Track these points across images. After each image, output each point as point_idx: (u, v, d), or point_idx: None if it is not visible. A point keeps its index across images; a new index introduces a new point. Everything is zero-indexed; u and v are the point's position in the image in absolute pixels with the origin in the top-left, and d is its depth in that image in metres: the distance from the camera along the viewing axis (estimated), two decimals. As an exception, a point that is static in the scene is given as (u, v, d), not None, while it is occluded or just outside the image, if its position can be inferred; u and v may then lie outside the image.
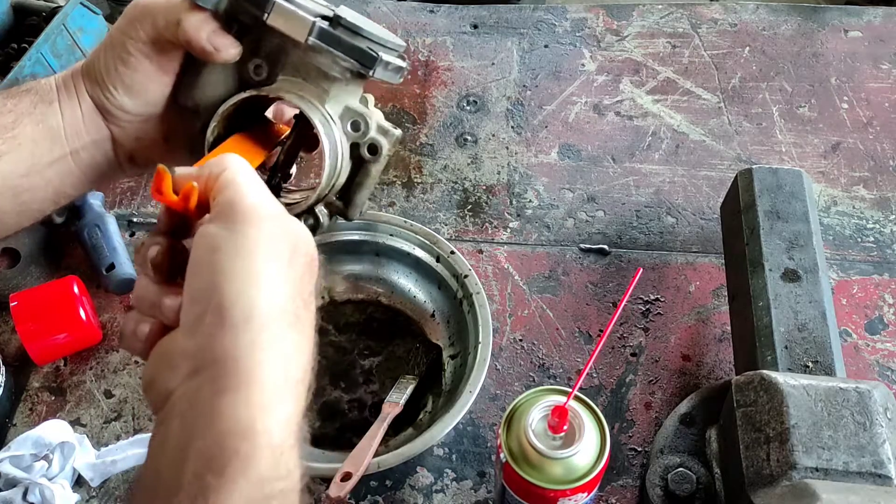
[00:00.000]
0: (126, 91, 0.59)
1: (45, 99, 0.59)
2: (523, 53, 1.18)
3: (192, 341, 0.44)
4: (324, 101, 0.58)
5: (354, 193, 0.62)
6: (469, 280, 0.86)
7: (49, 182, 0.61)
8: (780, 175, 0.87)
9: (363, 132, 0.59)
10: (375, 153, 0.60)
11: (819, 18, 1.21)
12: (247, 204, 0.46)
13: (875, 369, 0.86)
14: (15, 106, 0.59)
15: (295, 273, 0.47)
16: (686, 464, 0.73)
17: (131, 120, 0.61)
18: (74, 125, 0.60)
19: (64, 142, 0.60)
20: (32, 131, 0.58)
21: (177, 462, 0.41)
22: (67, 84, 0.60)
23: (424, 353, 0.87)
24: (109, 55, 0.58)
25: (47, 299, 0.86)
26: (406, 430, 0.82)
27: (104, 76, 0.58)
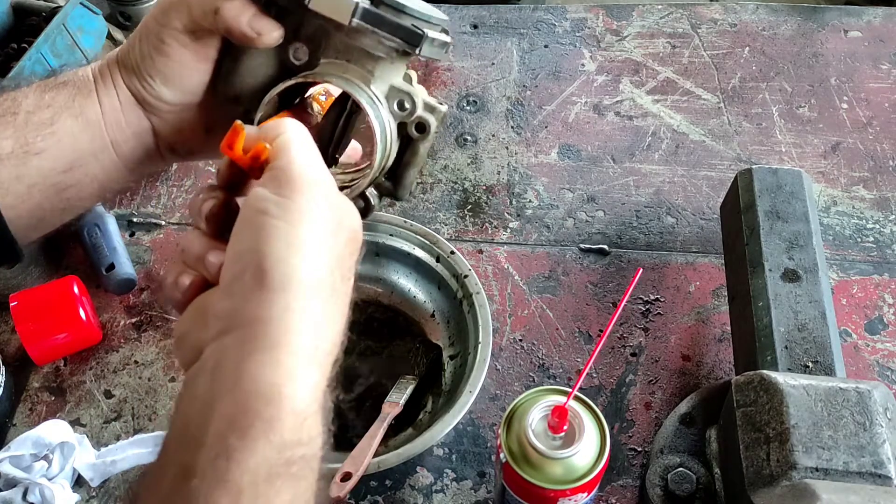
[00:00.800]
0: (164, 81, 0.57)
1: (82, 91, 0.58)
2: (523, 53, 1.18)
3: (229, 301, 0.44)
4: (369, 83, 0.57)
5: (403, 173, 0.60)
6: (469, 280, 0.86)
7: (93, 177, 0.59)
8: (780, 175, 0.87)
9: (410, 111, 0.58)
10: (423, 131, 0.59)
11: (819, 18, 1.21)
12: (298, 171, 0.46)
13: (875, 369, 0.86)
14: (53, 100, 0.57)
15: (337, 245, 0.47)
16: (686, 464, 0.73)
17: (170, 110, 0.59)
18: (114, 116, 0.58)
19: (104, 134, 0.58)
20: (72, 125, 0.57)
21: (203, 419, 0.41)
22: (104, 74, 0.58)
23: (424, 353, 0.87)
24: (145, 44, 0.57)
25: (47, 299, 0.86)
26: (406, 430, 0.82)
27: (140, 66, 0.57)
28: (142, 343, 0.90)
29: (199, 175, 1.05)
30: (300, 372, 0.43)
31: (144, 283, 0.95)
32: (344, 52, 0.57)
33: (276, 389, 0.42)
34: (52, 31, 1.04)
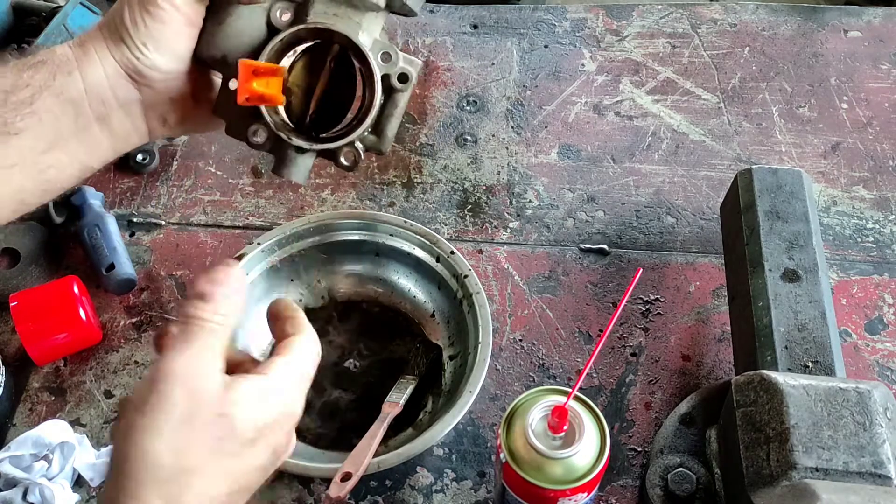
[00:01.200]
0: (156, 47, 0.57)
1: (62, 69, 0.56)
2: (523, 53, 1.18)
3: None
4: (357, 34, 0.58)
5: (385, 125, 0.62)
6: (469, 280, 0.86)
7: (74, 156, 0.59)
8: (780, 175, 0.87)
9: (393, 62, 0.60)
10: (406, 81, 0.60)
11: (819, 18, 1.21)
12: (162, 369, 0.48)
13: (875, 369, 0.86)
14: (31, 78, 0.56)
15: (191, 429, 0.47)
16: (686, 464, 0.73)
17: (162, 79, 0.58)
18: (99, 92, 0.57)
19: (88, 112, 0.57)
20: (53, 104, 0.56)
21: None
22: (86, 50, 0.57)
23: (424, 353, 0.87)
24: (135, 10, 0.56)
25: (47, 299, 0.86)
26: (406, 430, 0.82)
27: (131, 34, 0.56)
28: (142, 343, 0.90)
29: (199, 175, 1.05)
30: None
31: (144, 283, 0.95)
32: (332, 7, 0.58)
33: None
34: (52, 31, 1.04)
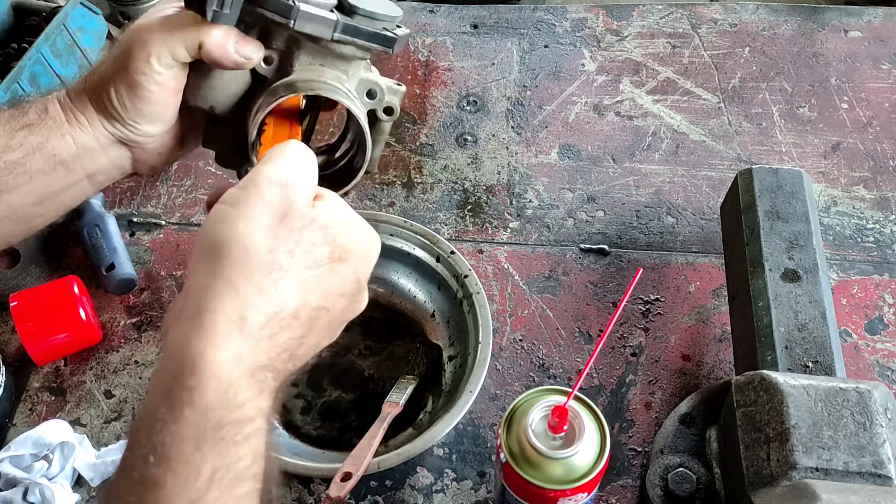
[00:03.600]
0: (148, 121, 0.59)
1: (55, 132, 0.59)
2: (523, 53, 1.18)
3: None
4: (344, 82, 0.60)
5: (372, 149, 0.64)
6: (469, 280, 0.86)
7: (61, 203, 0.62)
8: (780, 175, 0.87)
9: (379, 98, 0.63)
10: (391, 113, 0.64)
11: (819, 18, 1.21)
12: (258, 171, 0.49)
13: (875, 369, 0.86)
14: (25, 139, 0.58)
15: (284, 228, 0.48)
16: (686, 464, 0.73)
17: (153, 140, 0.62)
18: (90, 154, 0.60)
19: (79, 170, 0.60)
20: (44, 165, 0.59)
21: (147, 395, 0.45)
22: (78, 118, 0.59)
23: (424, 353, 0.87)
24: (122, 94, 0.58)
25: (47, 299, 0.86)
26: (406, 430, 0.82)
27: (121, 113, 0.58)
28: (142, 343, 0.90)
29: (199, 175, 1.05)
30: (221, 339, 0.44)
31: (144, 283, 0.95)
32: (318, 58, 0.60)
33: (197, 357, 0.43)
34: (52, 31, 1.04)
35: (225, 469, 0.42)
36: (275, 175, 0.49)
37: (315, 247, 0.49)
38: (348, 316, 0.54)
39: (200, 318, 0.44)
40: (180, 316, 0.45)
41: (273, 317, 0.46)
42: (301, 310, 0.48)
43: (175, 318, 0.45)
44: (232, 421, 0.43)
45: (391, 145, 1.07)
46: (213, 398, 0.43)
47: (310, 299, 0.49)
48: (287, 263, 0.47)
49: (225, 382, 0.43)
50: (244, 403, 0.44)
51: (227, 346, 0.44)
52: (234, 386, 0.44)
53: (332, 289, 0.50)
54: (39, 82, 1.02)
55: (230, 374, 0.44)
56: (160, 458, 0.41)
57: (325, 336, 0.52)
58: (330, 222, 0.50)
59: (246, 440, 0.44)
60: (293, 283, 0.47)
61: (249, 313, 0.45)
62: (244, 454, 0.44)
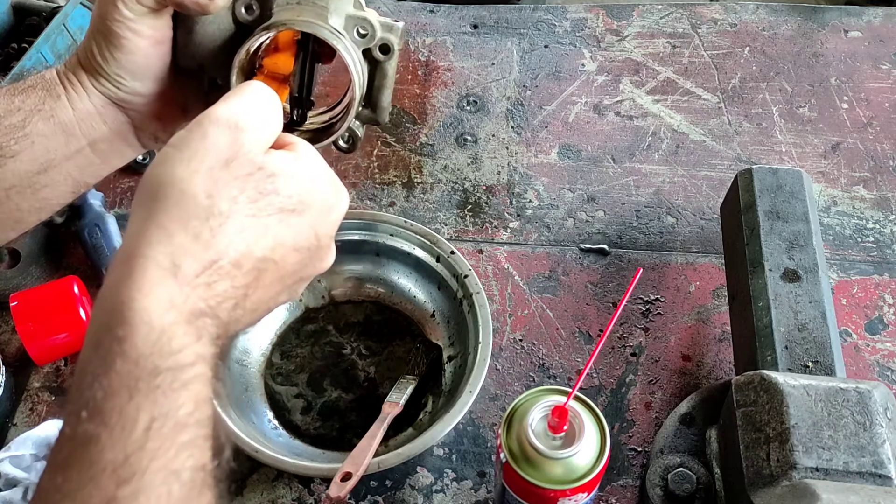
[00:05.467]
0: (133, 75, 0.57)
1: (51, 94, 0.58)
2: (523, 53, 1.18)
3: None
4: (326, 19, 0.57)
5: (378, 96, 0.61)
6: (469, 280, 0.86)
7: (68, 175, 0.60)
8: (780, 175, 0.87)
9: (371, 35, 0.59)
10: (388, 52, 0.59)
11: (819, 18, 1.21)
12: (208, 113, 0.47)
13: (875, 369, 0.86)
14: (23, 103, 0.57)
15: (228, 174, 0.45)
16: (686, 464, 0.73)
17: (146, 101, 0.60)
18: (88, 119, 0.59)
19: (79, 135, 0.59)
20: (44, 127, 0.57)
21: (84, 342, 0.43)
22: (71, 80, 0.58)
23: (424, 353, 0.87)
24: (102, 46, 0.57)
25: (47, 299, 0.86)
26: (406, 430, 0.82)
27: (105, 68, 0.57)
28: (142, 343, 0.90)
29: (199, 175, 1.05)
30: (151, 285, 0.42)
31: (144, 283, 0.94)
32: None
33: (127, 304, 0.41)
34: (52, 31, 1.04)
35: (164, 417, 0.40)
36: (224, 116, 0.47)
37: (262, 195, 0.46)
38: (308, 273, 0.51)
39: (130, 265, 0.42)
40: (116, 260, 0.44)
41: (210, 265, 0.44)
42: (244, 259, 0.46)
43: (110, 264, 0.44)
44: (168, 367, 0.41)
45: (391, 145, 1.07)
46: (145, 346, 0.41)
47: (254, 249, 0.46)
48: (228, 210, 0.45)
49: (157, 329, 0.41)
50: (180, 349, 0.42)
51: (158, 293, 0.42)
52: (167, 332, 0.41)
53: (281, 241, 0.48)
54: (39, 82, 1.02)
55: (162, 321, 0.41)
56: (93, 412, 0.40)
57: (279, 291, 0.49)
58: (283, 171, 0.47)
59: (184, 387, 0.42)
60: (234, 232, 0.45)
61: (183, 260, 0.43)
62: (184, 401, 0.41)
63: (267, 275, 0.47)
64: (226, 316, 0.45)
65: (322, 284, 0.92)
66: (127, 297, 0.41)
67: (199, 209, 0.44)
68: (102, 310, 0.42)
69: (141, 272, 0.42)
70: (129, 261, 0.43)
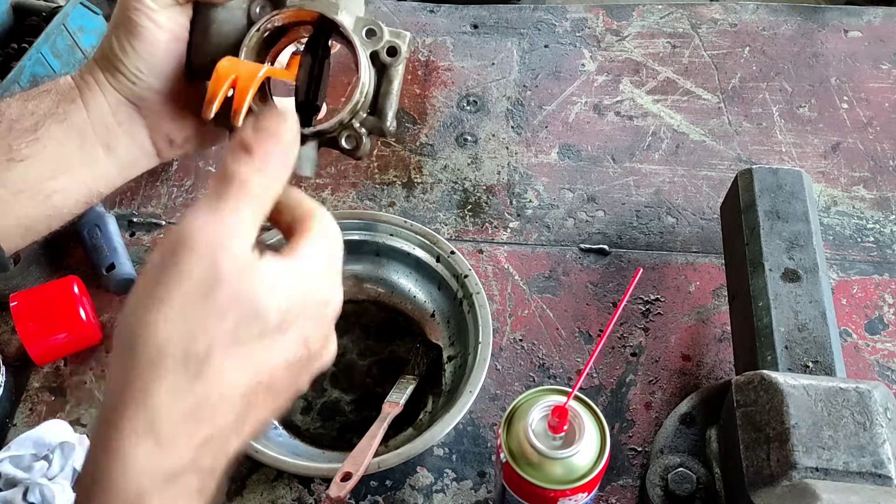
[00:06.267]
0: (150, 70, 0.57)
1: (66, 97, 0.57)
2: (523, 53, 1.18)
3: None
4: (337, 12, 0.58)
5: (384, 103, 0.61)
6: (469, 280, 0.86)
7: (81, 182, 0.59)
8: (780, 175, 0.87)
9: (378, 37, 0.59)
10: (395, 54, 0.59)
11: (819, 18, 1.21)
12: (179, 233, 0.42)
13: (875, 369, 0.86)
14: (36, 107, 0.57)
15: (205, 309, 0.41)
16: (686, 464, 0.73)
17: (161, 100, 0.59)
18: (103, 119, 0.58)
19: (93, 138, 0.58)
20: (57, 131, 0.57)
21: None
22: (87, 80, 0.58)
23: (424, 353, 0.87)
24: (122, 38, 0.56)
25: (47, 299, 0.86)
26: (406, 430, 0.82)
27: (123, 61, 0.56)
28: (142, 343, 0.90)
29: (199, 175, 1.05)
30: (126, 453, 0.41)
31: (144, 283, 0.94)
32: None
33: (103, 470, 0.41)
34: (52, 31, 1.04)
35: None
36: (200, 241, 0.42)
37: (243, 323, 0.42)
38: (304, 381, 0.48)
39: (107, 431, 0.41)
40: (98, 417, 0.43)
41: (190, 414, 0.42)
42: (229, 394, 0.43)
43: (97, 415, 0.44)
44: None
45: (391, 145, 1.07)
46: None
47: (238, 382, 0.43)
48: (206, 350, 0.42)
49: (133, 494, 0.41)
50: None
51: (134, 459, 0.41)
52: (143, 497, 0.41)
53: (269, 363, 0.44)
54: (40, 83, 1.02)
55: (139, 486, 0.41)
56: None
57: (276, 406, 0.47)
58: (264, 290, 0.43)
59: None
60: (214, 372, 0.42)
61: (160, 421, 0.41)
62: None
63: (259, 397, 0.45)
64: (211, 462, 0.44)
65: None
66: (104, 463, 0.41)
67: (176, 362, 0.41)
68: (86, 472, 0.42)
69: (118, 438, 0.41)
70: (108, 425, 0.42)
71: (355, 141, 0.60)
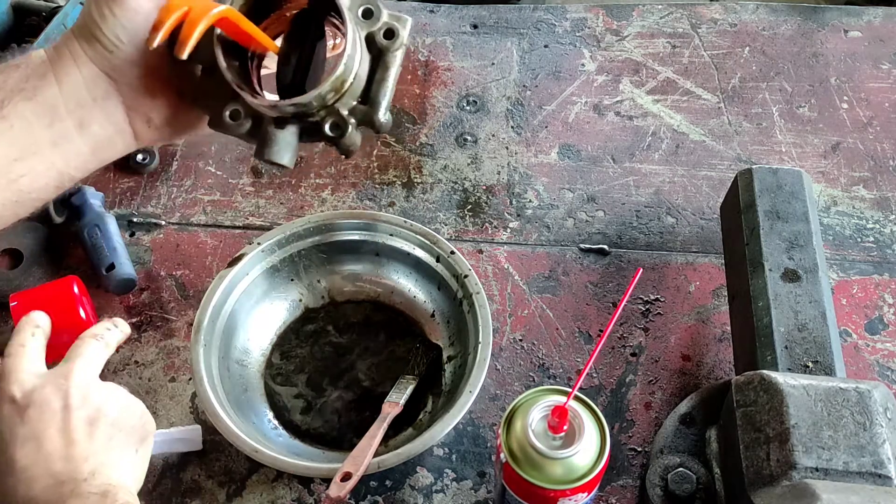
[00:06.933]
0: (129, 38, 0.54)
1: (37, 72, 0.54)
2: (523, 53, 1.18)
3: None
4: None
5: (377, 92, 0.57)
6: (469, 280, 0.86)
7: (51, 164, 0.56)
8: (780, 175, 0.87)
9: (376, 17, 0.56)
10: (392, 37, 0.56)
11: (819, 18, 1.21)
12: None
13: (875, 369, 0.86)
14: (3, 83, 0.54)
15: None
16: (686, 464, 0.73)
17: (139, 73, 0.56)
18: (76, 95, 0.55)
19: (65, 116, 0.55)
20: (26, 109, 0.53)
21: None
22: (61, 52, 0.55)
23: (424, 353, 0.87)
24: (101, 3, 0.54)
25: (47, 299, 0.86)
26: (406, 430, 0.82)
27: (102, 28, 0.54)
28: (142, 343, 0.90)
29: (199, 175, 1.05)
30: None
31: (144, 283, 0.95)
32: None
33: None
34: (52, 31, 1.05)
35: None
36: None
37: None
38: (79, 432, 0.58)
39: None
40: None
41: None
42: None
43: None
44: None
45: (391, 145, 1.08)
46: None
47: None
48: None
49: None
50: None
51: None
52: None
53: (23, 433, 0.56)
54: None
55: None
56: None
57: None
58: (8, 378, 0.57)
59: None
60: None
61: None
62: None
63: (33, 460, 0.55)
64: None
65: (322, 284, 0.92)
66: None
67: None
68: None
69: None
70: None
71: (339, 127, 0.56)
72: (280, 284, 0.90)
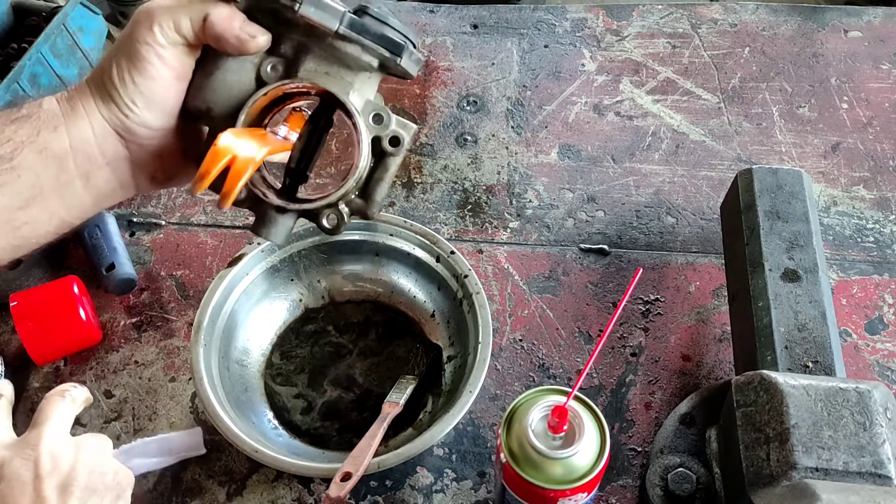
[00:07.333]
0: (146, 104, 0.56)
1: (48, 125, 0.55)
2: (523, 53, 1.18)
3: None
4: (349, 94, 0.58)
5: (374, 189, 0.61)
6: (469, 280, 0.86)
7: (54, 213, 0.57)
8: (780, 175, 0.87)
9: (385, 124, 0.59)
10: (397, 145, 0.59)
11: (819, 18, 1.21)
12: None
13: (875, 369, 0.86)
14: (14, 133, 0.54)
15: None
16: (686, 464, 0.73)
17: (151, 136, 0.57)
18: (85, 149, 0.56)
19: (72, 168, 0.56)
20: (34, 160, 0.55)
21: None
22: (74, 105, 0.56)
23: (424, 353, 0.87)
24: (123, 66, 0.55)
25: (47, 299, 0.86)
26: (406, 430, 0.82)
27: (120, 91, 0.55)
28: (142, 343, 0.90)
29: (199, 175, 1.05)
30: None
31: (144, 283, 0.95)
32: (323, 65, 0.57)
33: None
34: (52, 31, 1.04)
35: None
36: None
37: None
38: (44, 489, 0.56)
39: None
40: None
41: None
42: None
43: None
44: None
45: (391, 145, 1.07)
46: None
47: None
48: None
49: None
50: None
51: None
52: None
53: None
54: (39, 82, 1.02)
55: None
56: None
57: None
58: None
59: None
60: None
61: None
62: None
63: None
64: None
65: (322, 284, 0.92)
66: None
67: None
68: None
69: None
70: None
71: (336, 221, 0.60)
72: (280, 284, 0.90)
